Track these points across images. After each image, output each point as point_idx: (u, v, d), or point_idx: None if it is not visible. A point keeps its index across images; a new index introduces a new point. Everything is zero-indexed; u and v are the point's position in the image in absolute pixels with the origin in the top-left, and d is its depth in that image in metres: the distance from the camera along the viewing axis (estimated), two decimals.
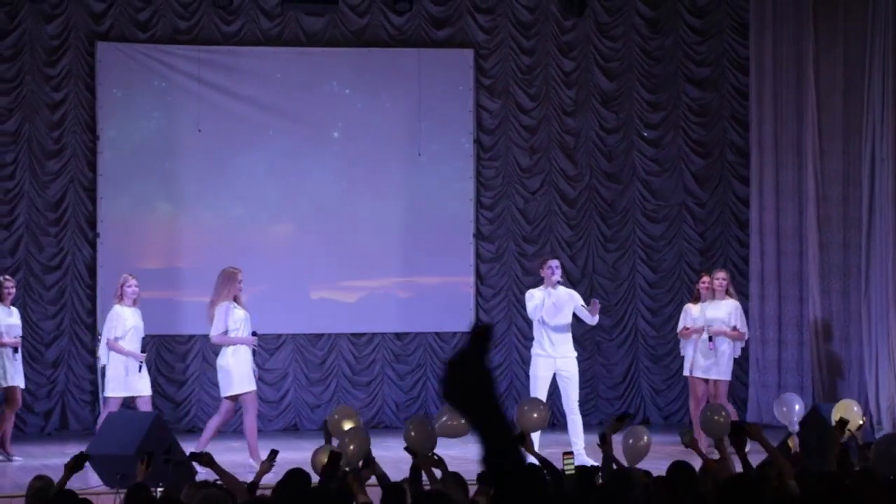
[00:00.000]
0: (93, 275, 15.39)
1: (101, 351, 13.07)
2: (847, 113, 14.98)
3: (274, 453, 8.29)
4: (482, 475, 7.43)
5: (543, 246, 16.29)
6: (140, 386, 12.91)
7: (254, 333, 12.48)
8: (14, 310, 13.53)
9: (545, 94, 16.35)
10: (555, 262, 12.51)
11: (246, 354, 12.42)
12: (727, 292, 13.53)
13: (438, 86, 16.06)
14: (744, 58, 16.20)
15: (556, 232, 16.38)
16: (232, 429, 13.99)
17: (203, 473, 9.54)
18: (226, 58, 15.70)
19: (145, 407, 12.85)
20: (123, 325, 12.89)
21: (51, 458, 12.92)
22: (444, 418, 9.08)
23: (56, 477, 7.92)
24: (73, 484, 10.76)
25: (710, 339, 13.32)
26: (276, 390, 15.85)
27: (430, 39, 16.16)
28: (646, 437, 9.01)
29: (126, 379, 12.86)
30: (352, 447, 8.16)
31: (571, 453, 8.38)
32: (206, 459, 7.98)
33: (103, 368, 13.12)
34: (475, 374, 2.84)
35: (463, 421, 8.59)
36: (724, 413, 9.21)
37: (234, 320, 12.34)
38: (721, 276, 13.59)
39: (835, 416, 9.50)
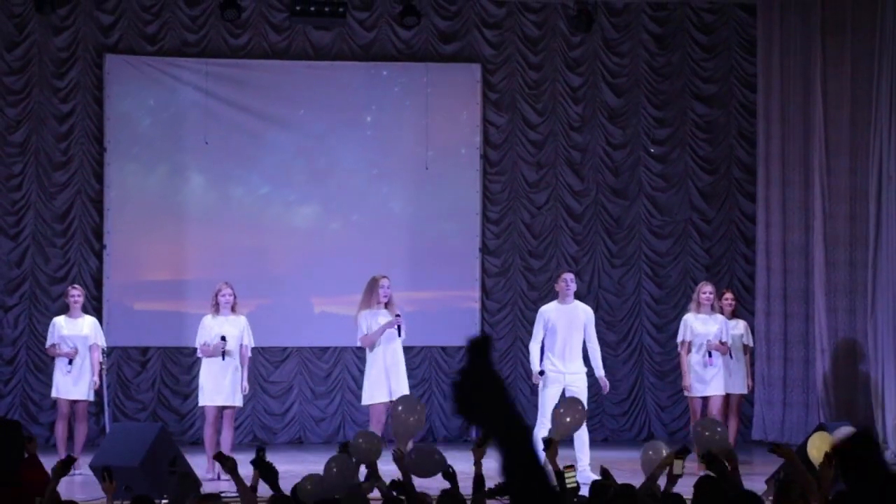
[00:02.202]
0: (99, 286, 15.39)
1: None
2: (854, 130, 14.97)
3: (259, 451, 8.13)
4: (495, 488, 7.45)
5: (549, 261, 16.28)
6: (225, 395, 12.67)
7: (398, 324, 12.49)
8: (86, 319, 13.21)
9: (552, 109, 16.36)
10: (569, 276, 12.47)
11: (379, 365, 12.42)
12: (713, 307, 13.50)
13: (445, 100, 16.07)
14: (751, 75, 16.20)
15: (562, 247, 16.38)
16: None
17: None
18: (233, 71, 15.72)
19: (228, 421, 12.69)
20: (207, 333, 12.71)
21: None
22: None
23: (61, 489, 7.90)
24: (78, 496, 10.77)
25: (710, 354, 13.29)
26: (281, 403, 15.85)
27: (438, 54, 16.18)
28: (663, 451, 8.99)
29: (212, 388, 12.70)
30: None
31: (573, 466, 8.34)
32: (230, 466, 7.86)
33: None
34: (483, 382, 2.83)
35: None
36: (718, 429, 9.23)
37: (379, 324, 12.45)
38: (708, 290, 13.54)
39: (811, 451, 9.48)
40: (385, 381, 12.43)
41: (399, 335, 12.51)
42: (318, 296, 15.90)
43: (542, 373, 12.37)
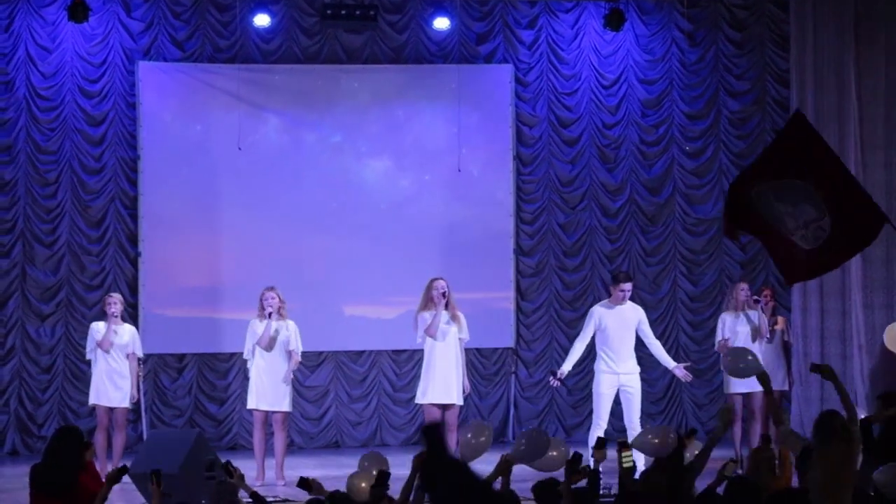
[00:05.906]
0: (135, 293, 15.42)
1: (249, 364, 12.97)
2: (889, 124, 14.90)
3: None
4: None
5: (584, 260, 16.25)
6: (271, 399, 12.74)
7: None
8: (125, 327, 13.15)
9: (585, 108, 16.32)
10: (627, 285, 12.40)
11: (431, 365, 12.52)
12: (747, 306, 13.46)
13: (478, 101, 16.06)
14: (784, 70, 16.12)
15: (597, 246, 16.33)
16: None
17: None
18: (265, 76, 15.73)
19: (277, 426, 12.76)
20: (253, 338, 12.77)
21: None
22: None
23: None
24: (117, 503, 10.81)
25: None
26: (318, 407, 15.86)
27: (470, 55, 16.16)
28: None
29: (260, 392, 12.75)
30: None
31: (629, 446, 8.06)
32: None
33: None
34: (448, 469, 2.78)
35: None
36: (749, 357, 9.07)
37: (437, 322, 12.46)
38: (745, 288, 13.53)
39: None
40: (438, 381, 12.44)
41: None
42: (351, 299, 15.89)
43: (560, 379, 12.39)
